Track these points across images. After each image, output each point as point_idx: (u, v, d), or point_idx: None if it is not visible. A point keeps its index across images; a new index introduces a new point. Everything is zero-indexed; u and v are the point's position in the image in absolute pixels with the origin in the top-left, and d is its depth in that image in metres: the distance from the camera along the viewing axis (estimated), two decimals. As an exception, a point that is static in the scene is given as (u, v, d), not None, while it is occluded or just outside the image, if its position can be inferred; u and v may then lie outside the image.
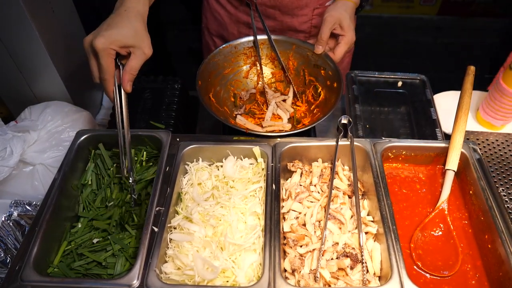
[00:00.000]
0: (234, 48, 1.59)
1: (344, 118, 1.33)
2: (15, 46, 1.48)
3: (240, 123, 1.48)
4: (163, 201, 1.18)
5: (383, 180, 1.24)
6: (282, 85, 1.66)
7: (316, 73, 1.56)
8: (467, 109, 1.35)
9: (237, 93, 1.63)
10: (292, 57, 1.61)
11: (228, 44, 1.58)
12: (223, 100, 1.58)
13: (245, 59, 1.64)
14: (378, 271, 1.11)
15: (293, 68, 1.63)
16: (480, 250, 1.17)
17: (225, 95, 1.60)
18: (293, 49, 1.59)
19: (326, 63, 1.51)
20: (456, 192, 1.31)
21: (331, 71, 1.49)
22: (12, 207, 1.29)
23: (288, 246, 1.15)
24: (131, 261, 1.14)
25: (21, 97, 1.65)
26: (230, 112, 1.57)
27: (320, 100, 1.54)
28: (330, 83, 1.50)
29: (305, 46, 1.56)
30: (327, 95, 1.52)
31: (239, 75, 1.65)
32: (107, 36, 1.08)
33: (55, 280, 1.05)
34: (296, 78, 1.63)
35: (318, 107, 1.54)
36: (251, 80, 1.67)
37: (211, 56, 1.54)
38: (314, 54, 1.52)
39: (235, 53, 1.60)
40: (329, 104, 1.46)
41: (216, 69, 1.56)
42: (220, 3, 1.79)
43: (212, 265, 1.05)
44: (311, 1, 1.68)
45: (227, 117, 1.51)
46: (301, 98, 1.59)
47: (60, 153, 1.45)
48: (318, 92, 1.56)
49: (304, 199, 1.25)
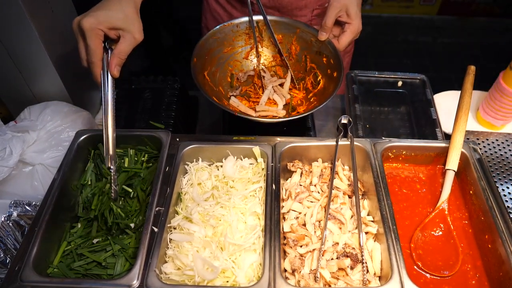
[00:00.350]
0: (236, 27, 1.54)
1: (344, 118, 1.33)
2: (15, 46, 1.48)
3: (233, 104, 1.45)
4: (163, 201, 1.18)
5: (383, 180, 1.24)
6: (282, 69, 1.62)
7: (318, 60, 1.52)
8: (467, 109, 1.35)
9: (234, 74, 1.58)
10: (295, 41, 1.55)
11: (230, 22, 1.52)
12: (219, 79, 1.52)
13: (246, 39, 1.58)
14: (378, 271, 1.10)
15: (295, 53, 1.58)
16: (480, 250, 1.17)
17: (221, 74, 1.54)
18: (297, 33, 1.54)
19: (329, 50, 1.46)
20: (456, 192, 1.31)
21: (333, 59, 1.45)
22: (11, 207, 1.29)
23: (288, 246, 1.14)
24: (131, 261, 1.14)
25: (20, 97, 1.64)
26: (225, 92, 1.52)
27: (319, 89, 1.50)
28: (330, 72, 1.46)
29: (310, 31, 1.50)
30: (326, 84, 1.48)
31: (238, 55, 1.60)
32: (95, 16, 1.07)
33: (54, 281, 1.05)
34: (297, 64, 1.58)
35: (316, 95, 1.49)
36: (250, 61, 1.62)
37: (211, 32, 1.48)
38: (317, 40, 1.47)
39: (237, 32, 1.55)
40: (327, 93, 1.42)
41: (215, 46, 1.51)
42: (219, 3, 1.79)
43: (212, 265, 1.05)
44: (310, 2, 1.68)
45: (221, 97, 1.47)
46: (299, 85, 1.55)
47: (60, 153, 1.44)
48: (318, 80, 1.51)
49: (304, 199, 1.25)
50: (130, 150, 1.37)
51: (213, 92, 1.44)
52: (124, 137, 1.37)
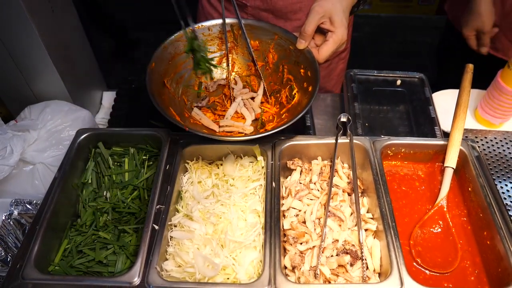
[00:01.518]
0: (208, 30, 1.39)
1: (343, 116, 1.33)
2: (15, 46, 1.48)
3: (195, 117, 1.34)
4: (164, 200, 1.18)
5: (383, 177, 1.24)
6: (257, 79, 1.48)
7: (296, 71, 1.37)
8: (465, 107, 1.36)
9: (203, 82, 1.45)
10: (272, 49, 1.41)
11: (201, 25, 1.37)
12: (183, 89, 1.39)
13: (219, 44, 1.44)
14: (378, 268, 1.11)
15: (272, 62, 1.43)
16: (479, 246, 1.18)
17: (188, 83, 1.40)
18: (275, 39, 1.39)
19: (307, 61, 1.31)
20: (455, 189, 1.32)
21: (311, 71, 1.30)
22: (12, 206, 1.29)
23: (288, 243, 1.15)
24: (131, 259, 1.14)
25: (20, 96, 1.65)
26: (188, 103, 1.39)
27: (293, 104, 1.36)
28: (306, 85, 1.32)
29: (289, 38, 1.36)
30: (300, 98, 1.34)
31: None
32: None
33: (56, 278, 1.06)
34: (274, 74, 1.43)
35: (288, 111, 1.36)
36: (223, 69, 1.47)
37: (178, 35, 1.33)
38: (296, 49, 1.32)
39: (208, 36, 1.41)
40: (300, 108, 1.27)
41: (182, 51, 1.34)
42: (214, 7, 1.78)
43: (213, 262, 1.06)
44: (305, 6, 1.63)
45: (182, 108, 1.34)
46: (272, 99, 1.42)
47: (60, 152, 1.45)
48: (293, 94, 1.37)
49: (304, 197, 1.25)
50: (131, 149, 1.38)
51: (173, 102, 1.31)
52: (124, 136, 1.38)
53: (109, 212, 1.25)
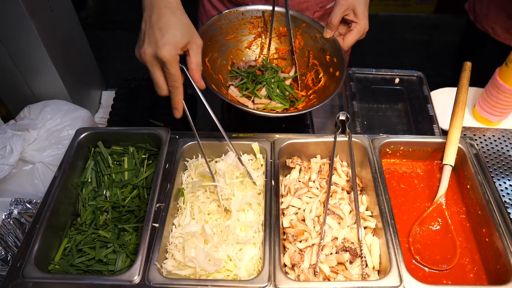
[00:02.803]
0: (242, 15, 1.49)
1: (342, 115, 1.34)
2: (14, 46, 1.48)
3: (232, 94, 1.43)
4: (163, 198, 1.19)
5: (381, 175, 1.25)
6: (284, 62, 1.58)
7: (321, 57, 1.47)
8: (463, 104, 1.36)
9: (235, 63, 1.54)
10: (299, 36, 1.51)
11: (235, 9, 1.48)
12: (219, 67, 1.48)
13: (250, 29, 1.53)
14: (377, 265, 1.12)
15: (299, 48, 1.53)
16: (477, 243, 1.19)
17: (222, 62, 1.50)
18: (302, 27, 1.49)
19: (333, 48, 1.42)
20: (453, 187, 1.32)
21: (337, 58, 1.41)
22: (12, 205, 1.29)
23: (288, 241, 1.15)
24: (132, 257, 1.15)
25: (20, 96, 1.65)
26: (224, 81, 1.48)
27: (319, 86, 1.46)
28: (332, 71, 1.42)
29: (316, 27, 1.46)
30: (327, 82, 1.44)
31: (241, 44, 1.55)
32: (169, 43, 1.01)
33: (56, 277, 1.06)
34: (299, 59, 1.54)
35: (316, 93, 1.46)
36: (253, 51, 1.58)
37: (215, 18, 1.44)
38: (322, 37, 1.43)
39: (241, 20, 1.50)
40: (327, 92, 1.38)
41: (218, 33, 1.46)
42: (217, 9, 1.79)
43: (214, 257, 1.06)
44: (311, 5, 1.67)
45: (219, 85, 1.43)
46: (300, 83, 1.52)
47: (60, 151, 1.45)
48: (319, 78, 1.47)
49: (303, 195, 1.26)
50: (130, 147, 1.38)
51: (212, 79, 1.40)
52: (123, 135, 1.38)
53: (109, 211, 1.25)
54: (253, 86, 1.46)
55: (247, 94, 1.45)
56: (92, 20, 4.36)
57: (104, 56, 3.95)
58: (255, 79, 1.50)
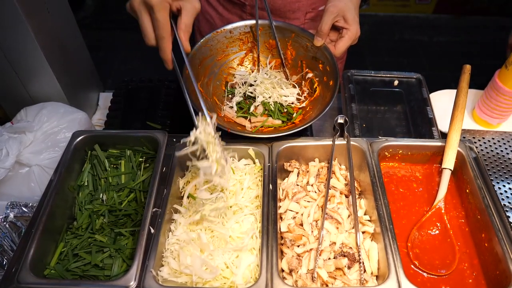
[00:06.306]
0: (230, 33, 1.49)
1: (340, 118, 1.33)
2: (10, 47, 1.47)
3: (228, 115, 1.42)
4: (160, 202, 1.18)
5: (380, 179, 1.24)
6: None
7: (314, 66, 1.46)
8: (463, 107, 1.35)
9: (229, 81, 1.54)
10: (290, 46, 1.51)
11: (223, 29, 1.47)
12: (213, 89, 1.48)
13: (240, 45, 1.53)
14: (375, 271, 1.11)
15: (291, 58, 1.53)
16: (477, 248, 1.18)
17: (216, 83, 1.49)
18: (292, 37, 1.48)
19: (325, 56, 1.41)
20: (452, 191, 1.31)
21: (329, 66, 1.40)
22: (8, 209, 1.28)
23: (286, 246, 1.14)
24: (128, 262, 1.14)
25: (16, 98, 1.64)
26: (219, 102, 1.47)
27: (315, 97, 1.45)
28: (326, 80, 1.41)
29: (305, 36, 1.45)
30: (322, 92, 1.43)
31: (233, 62, 1.55)
32: None
33: (51, 282, 1.05)
34: (293, 69, 1.53)
35: (312, 104, 1.45)
36: (245, 68, 1.57)
37: (203, 41, 1.44)
38: (313, 45, 1.42)
39: (230, 38, 1.50)
40: (324, 102, 1.37)
41: (208, 55, 1.46)
42: (212, 5, 1.78)
43: (210, 265, 1.05)
44: (303, 5, 1.65)
45: (215, 108, 1.42)
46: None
47: (56, 154, 1.44)
48: (314, 88, 1.47)
49: (301, 199, 1.25)
50: (127, 151, 1.37)
51: (207, 104, 1.39)
52: (120, 138, 1.37)
53: (105, 214, 1.24)
54: (250, 104, 1.46)
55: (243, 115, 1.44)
56: (91, 20, 4.36)
57: (102, 56, 3.94)
58: (250, 96, 1.49)
